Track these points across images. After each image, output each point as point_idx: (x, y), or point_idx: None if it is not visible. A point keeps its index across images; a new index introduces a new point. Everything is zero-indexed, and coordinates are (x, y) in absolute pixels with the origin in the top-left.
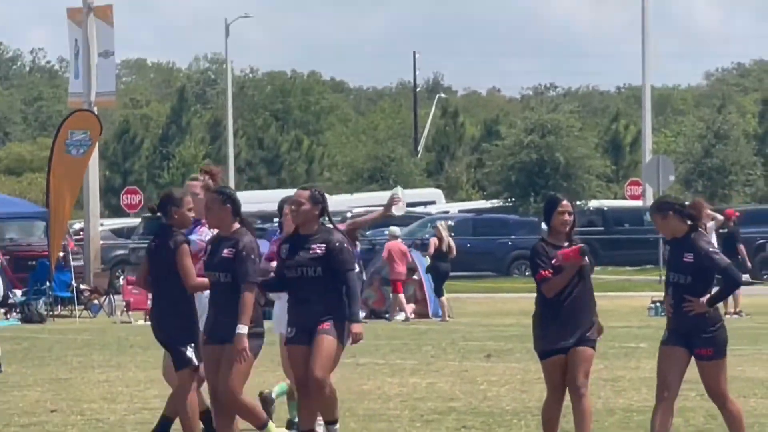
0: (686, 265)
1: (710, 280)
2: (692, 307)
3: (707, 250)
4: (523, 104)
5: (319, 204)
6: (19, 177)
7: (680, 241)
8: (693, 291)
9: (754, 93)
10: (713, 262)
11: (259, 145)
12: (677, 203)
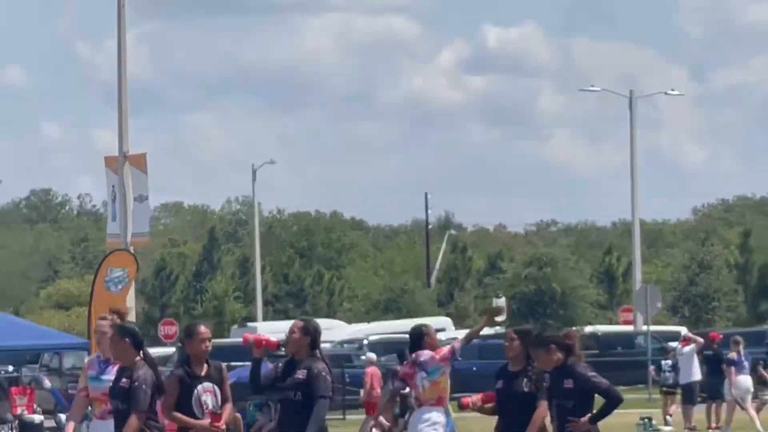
0: (568, 390)
1: (590, 402)
2: (576, 427)
3: (587, 375)
4: (527, 239)
5: (309, 335)
6: (68, 311)
7: (559, 369)
8: (575, 413)
9: (737, 227)
10: (594, 385)
11: (285, 279)
12: (556, 336)
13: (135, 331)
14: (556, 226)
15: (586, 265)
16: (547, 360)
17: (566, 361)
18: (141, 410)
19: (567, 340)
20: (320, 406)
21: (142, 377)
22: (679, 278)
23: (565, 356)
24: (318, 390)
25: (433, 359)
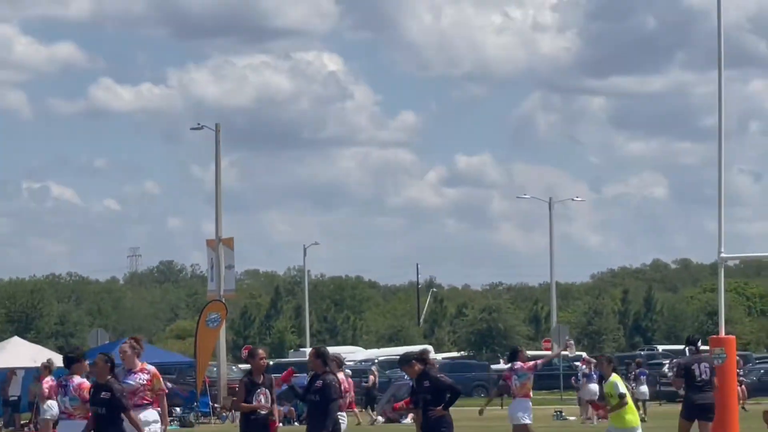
0: (426, 388)
1: (443, 396)
2: (434, 413)
3: (437, 376)
4: (482, 294)
5: (320, 357)
6: (184, 340)
7: (420, 375)
8: (433, 403)
9: (620, 287)
10: (443, 383)
11: (324, 320)
12: (416, 355)
13: (113, 358)
14: (501, 286)
15: (520, 312)
16: (411, 371)
17: (424, 369)
18: (129, 408)
19: (423, 356)
20: (333, 406)
21: (120, 389)
22: (581, 320)
23: (423, 366)
24: (331, 395)
25: (522, 368)
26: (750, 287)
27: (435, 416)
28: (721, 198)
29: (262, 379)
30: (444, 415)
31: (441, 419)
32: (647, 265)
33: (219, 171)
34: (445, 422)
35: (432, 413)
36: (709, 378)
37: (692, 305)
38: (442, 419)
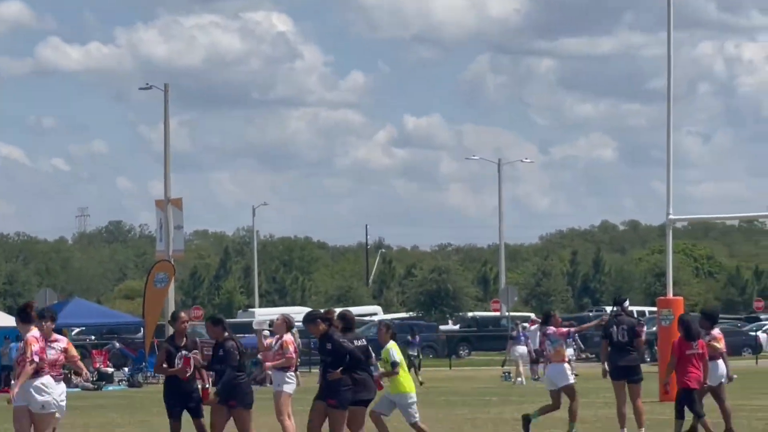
0: (328, 350)
1: (343, 359)
2: (332, 376)
3: (339, 340)
4: (432, 255)
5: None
6: (132, 300)
7: (324, 336)
8: (332, 365)
9: (568, 248)
10: (344, 347)
11: (273, 280)
12: (320, 314)
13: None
14: (450, 247)
15: (469, 273)
16: (315, 330)
17: (328, 331)
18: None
19: (327, 315)
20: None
21: None
22: (529, 281)
23: (328, 327)
24: (230, 361)
25: (555, 333)
26: (698, 249)
27: (332, 378)
28: (669, 160)
29: (185, 342)
30: (341, 379)
31: (338, 382)
32: (596, 226)
33: (168, 131)
34: (342, 386)
35: (330, 375)
36: (627, 340)
37: (640, 267)
38: (339, 382)
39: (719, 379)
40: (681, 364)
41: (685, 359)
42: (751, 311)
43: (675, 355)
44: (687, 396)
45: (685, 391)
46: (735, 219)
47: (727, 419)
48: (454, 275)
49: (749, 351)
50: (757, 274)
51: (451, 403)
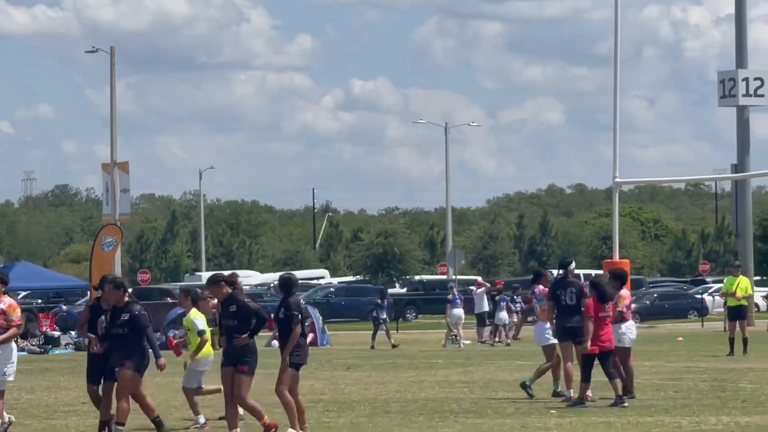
0: (232, 313)
1: (249, 322)
2: (239, 341)
3: (245, 302)
4: (378, 219)
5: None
6: (79, 264)
7: (228, 298)
8: (238, 329)
9: (515, 212)
10: (250, 309)
11: (220, 244)
12: (224, 277)
13: None
14: (397, 211)
15: (416, 236)
16: (219, 293)
17: (232, 293)
18: None
19: (232, 278)
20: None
21: None
22: (476, 245)
23: (231, 289)
24: (142, 324)
25: (542, 292)
26: (644, 212)
27: (240, 344)
28: (615, 124)
29: (107, 306)
30: (249, 344)
31: (245, 347)
32: (543, 190)
33: (114, 95)
34: (249, 350)
35: (237, 340)
36: (575, 303)
37: (587, 230)
38: (247, 347)
39: (628, 341)
40: (594, 327)
41: (599, 321)
42: (696, 274)
43: (590, 316)
44: (600, 358)
45: (596, 352)
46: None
47: (629, 380)
48: (401, 239)
49: (695, 314)
50: (703, 237)
51: (398, 365)
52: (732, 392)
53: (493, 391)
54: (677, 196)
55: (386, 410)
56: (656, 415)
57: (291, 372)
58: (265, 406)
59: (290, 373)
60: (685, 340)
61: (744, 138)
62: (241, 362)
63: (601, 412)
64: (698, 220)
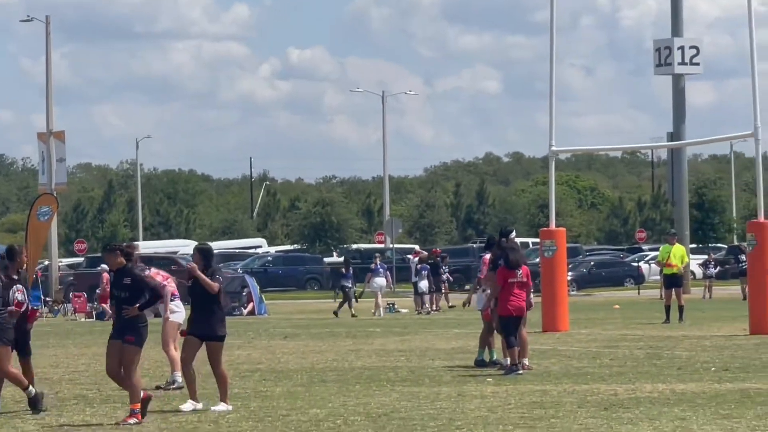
0: (125, 285)
1: (140, 295)
2: (128, 312)
3: (140, 275)
4: (316, 187)
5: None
6: (15, 234)
7: (122, 269)
8: (129, 301)
9: (452, 180)
10: (145, 283)
11: (158, 213)
12: (121, 246)
13: None
14: (335, 179)
15: (354, 205)
16: (113, 262)
17: (126, 265)
18: None
19: (128, 249)
20: None
21: None
22: (413, 213)
23: (126, 260)
24: None
25: None
26: (581, 180)
27: (129, 315)
28: (552, 92)
29: (18, 277)
30: (139, 316)
31: (135, 319)
32: (480, 158)
33: (50, 64)
34: (139, 322)
35: (126, 312)
36: None
37: (524, 198)
38: (137, 319)
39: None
40: (502, 292)
41: (507, 287)
42: (633, 242)
43: (498, 283)
44: (504, 323)
45: (502, 318)
46: (618, 150)
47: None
48: (339, 207)
49: (631, 281)
50: (640, 205)
51: (335, 334)
52: (668, 360)
53: (430, 360)
54: (614, 165)
55: (323, 379)
56: (592, 383)
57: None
58: (202, 376)
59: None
60: (621, 308)
61: (680, 106)
62: (130, 333)
63: (538, 380)
64: (635, 188)
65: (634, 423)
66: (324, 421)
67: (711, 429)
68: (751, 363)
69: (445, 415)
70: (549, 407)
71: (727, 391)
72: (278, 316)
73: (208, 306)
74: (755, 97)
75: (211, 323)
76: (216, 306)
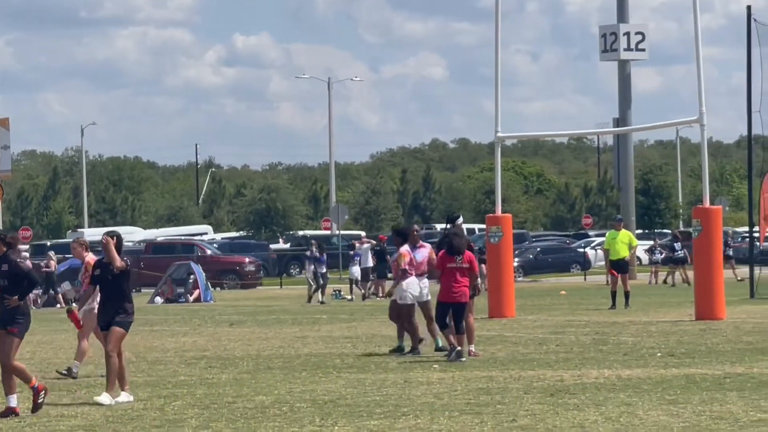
0: (4, 272)
1: (20, 284)
2: (10, 302)
3: (17, 263)
4: (262, 174)
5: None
6: None
7: (2, 257)
8: (9, 290)
9: (398, 167)
10: (21, 269)
11: (103, 200)
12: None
13: None
14: (281, 166)
15: (300, 192)
16: None
17: (6, 252)
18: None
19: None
20: None
21: None
22: (359, 200)
23: (6, 248)
24: None
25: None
26: (527, 166)
27: (11, 305)
28: (497, 78)
29: None
30: (20, 306)
31: (16, 309)
32: (426, 144)
33: None
34: (20, 313)
35: (8, 302)
36: None
37: (470, 184)
38: (17, 309)
39: (410, 298)
40: (443, 277)
41: (447, 273)
42: (579, 228)
43: (438, 268)
44: (438, 307)
45: (439, 302)
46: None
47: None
48: (284, 194)
49: (578, 267)
50: (586, 191)
51: (282, 321)
52: (614, 345)
53: (376, 347)
54: (560, 150)
55: (269, 366)
56: (538, 369)
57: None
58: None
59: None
60: (567, 294)
61: (626, 92)
62: (12, 324)
63: (484, 367)
64: (581, 174)
65: (580, 409)
66: (270, 407)
67: (657, 414)
68: (697, 348)
69: (392, 402)
70: (495, 393)
71: (672, 377)
72: (224, 303)
73: None
74: (700, 83)
75: None
76: None
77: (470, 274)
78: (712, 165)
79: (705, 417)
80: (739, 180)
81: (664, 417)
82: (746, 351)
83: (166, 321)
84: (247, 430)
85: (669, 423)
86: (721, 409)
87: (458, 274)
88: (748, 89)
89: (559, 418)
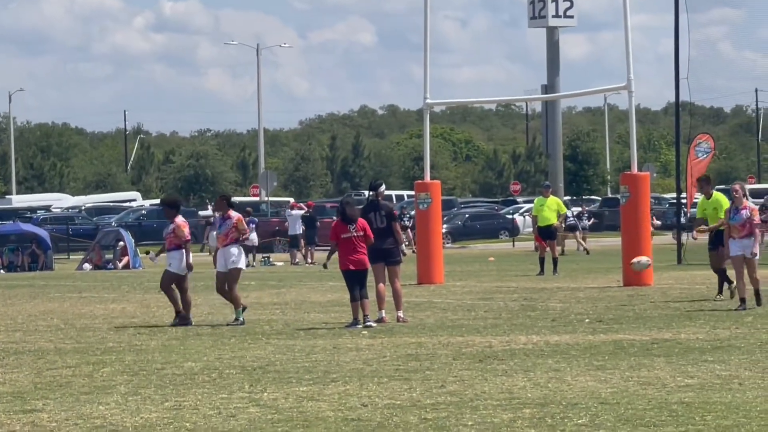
0: None
1: None
2: None
3: None
4: (191, 140)
5: None
6: None
7: None
8: None
9: (327, 133)
10: None
11: (31, 167)
12: None
13: None
14: (209, 132)
15: (228, 158)
16: None
17: None
18: None
19: None
20: None
21: None
22: (288, 166)
23: None
24: None
25: None
26: (456, 133)
27: None
28: (426, 44)
29: None
30: None
31: None
32: (355, 111)
33: None
34: None
35: None
36: (385, 225)
37: (399, 151)
38: None
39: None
40: (340, 247)
41: (342, 242)
42: (508, 195)
43: (332, 239)
44: (345, 276)
45: (342, 272)
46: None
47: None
48: (213, 160)
49: (506, 234)
50: (514, 157)
51: (211, 287)
52: (542, 312)
53: (305, 313)
54: (489, 117)
55: (198, 333)
56: (467, 335)
57: None
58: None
59: None
60: (496, 260)
61: (554, 59)
62: None
63: (413, 333)
64: (509, 141)
65: (508, 375)
66: (199, 374)
67: (585, 380)
68: (625, 314)
69: (321, 368)
70: (424, 359)
71: (600, 343)
72: (153, 270)
73: None
74: (628, 50)
75: None
76: None
77: (366, 240)
78: (640, 132)
79: (633, 382)
80: (667, 146)
81: (592, 383)
82: (673, 317)
83: (95, 287)
84: (176, 397)
85: (597, 389)
86: (649, 374)
87: (356, 242)
88: (675, 56)
89: (487, 384)
